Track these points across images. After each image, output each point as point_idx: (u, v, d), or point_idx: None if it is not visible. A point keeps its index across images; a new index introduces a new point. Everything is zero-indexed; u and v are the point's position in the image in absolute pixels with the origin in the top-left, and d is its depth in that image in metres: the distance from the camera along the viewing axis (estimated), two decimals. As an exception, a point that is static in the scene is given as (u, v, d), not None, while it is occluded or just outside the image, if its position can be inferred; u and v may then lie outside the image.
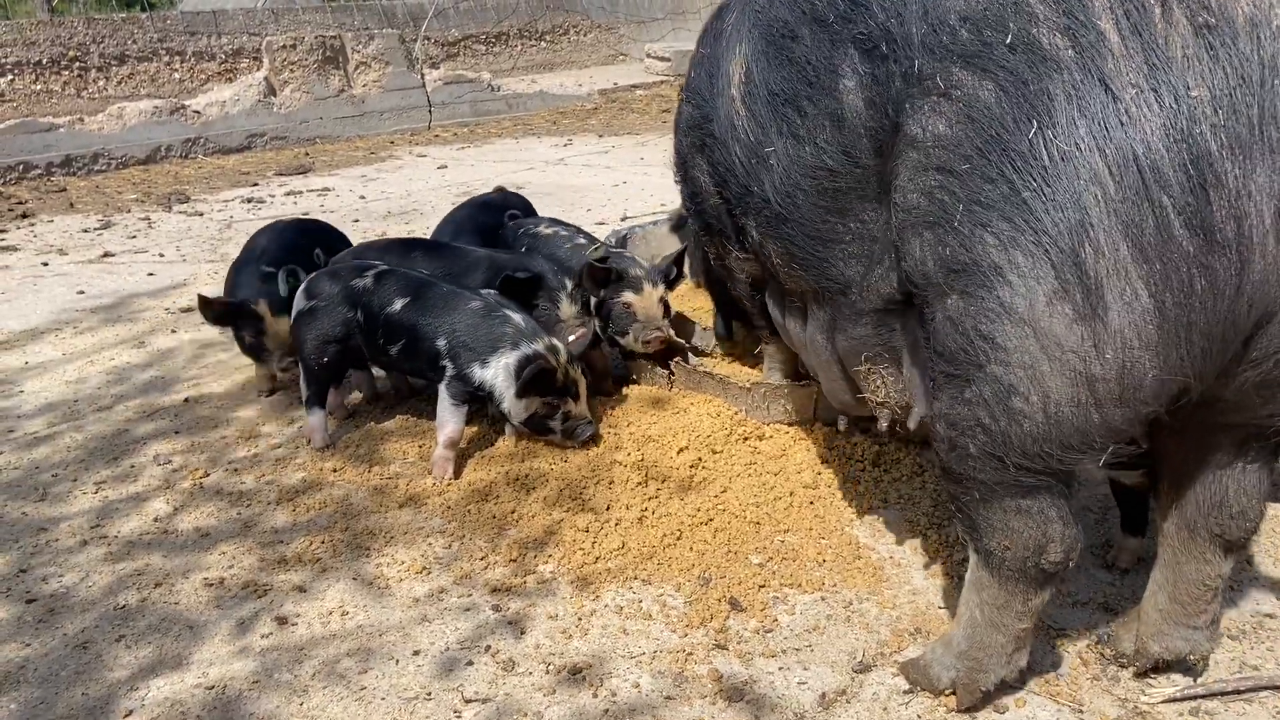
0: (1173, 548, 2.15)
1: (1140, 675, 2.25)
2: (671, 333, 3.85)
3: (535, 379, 3.25)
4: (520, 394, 3.27)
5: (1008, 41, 1.71)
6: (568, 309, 3.73)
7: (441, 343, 3.37)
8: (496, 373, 3.30)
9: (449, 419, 3.35)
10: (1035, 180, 1.69)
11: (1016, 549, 1.99)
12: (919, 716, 2.20)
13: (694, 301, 4.51)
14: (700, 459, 3.31)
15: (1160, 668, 2.23)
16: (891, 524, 2.95)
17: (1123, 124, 1.61)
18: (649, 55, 14.01)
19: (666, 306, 3.83)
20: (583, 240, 4.18)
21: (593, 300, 3.79)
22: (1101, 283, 1.66)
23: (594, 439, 3.43)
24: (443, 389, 3.38)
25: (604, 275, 3.71)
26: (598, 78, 13.60)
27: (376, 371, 3.96)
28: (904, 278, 2.01)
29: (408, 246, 4.01)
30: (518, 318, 3.39)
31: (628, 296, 3.73)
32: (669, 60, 13.40)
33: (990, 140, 1.74)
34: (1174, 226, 1.60)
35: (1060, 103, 1.66)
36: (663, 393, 3.79)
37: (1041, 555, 1.98)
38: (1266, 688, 2.21)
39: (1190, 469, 2.07)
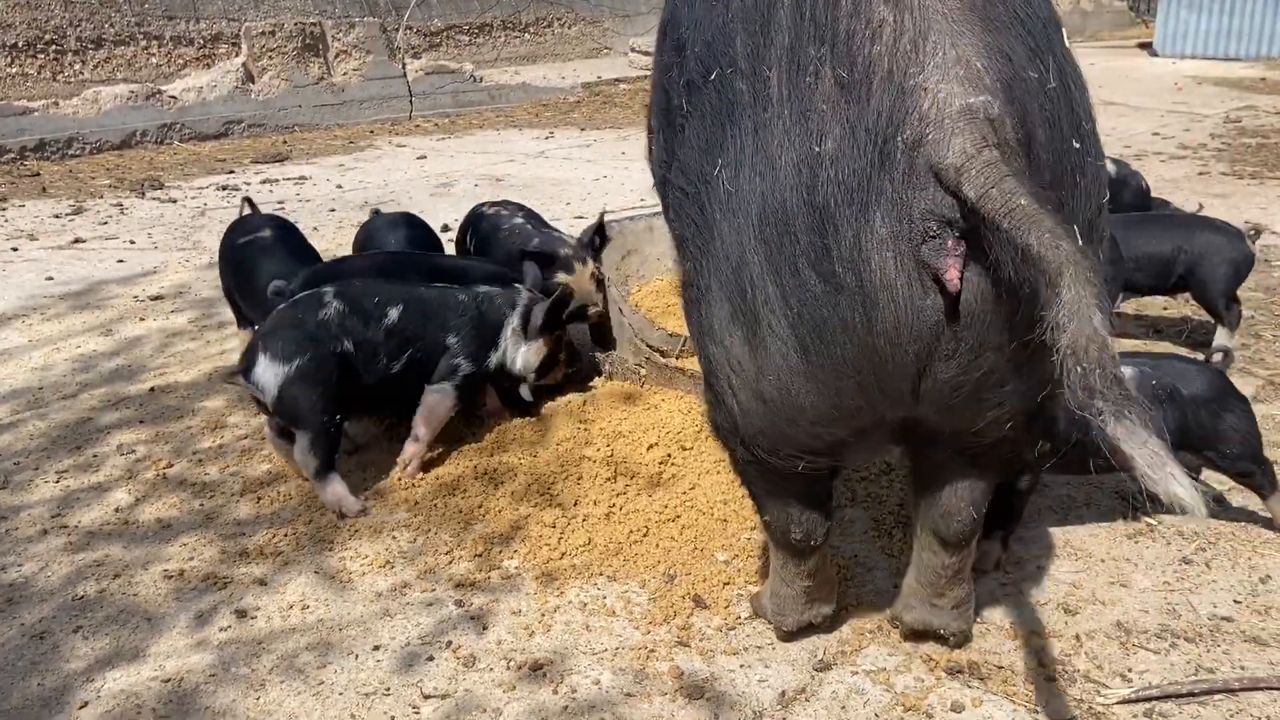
0: (915, 535, 2.37)
1: (905, 638, 2.44)
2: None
3: (554, 309, 3.45)
4: (544, 329, 3.47)
5: (712, 78, 1.85)
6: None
7: (452, 340, 3.32)
8: (504, 344, 3.43)
9: (439, 416, 3.33)
10: (718, 212, 1.83)
11: (774, 524, 2.26)
12: (876, 715, 2.21)
13: (668, 299, 4.51)
14: (670, 455, 3.31)
15: (915, 635, 2.42)
16: (857, 523, 2.96)
17: (770, 169, 1.72)
18: (633, 49, 13.97)
19: (599, 281, 3.98)
20: (520, 220, 4.26)
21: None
22: (757, 314, 1.81)
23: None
24: (443, 388, 3.31)
25: (546, 261, 3.89)
26: (581, 71, 13.56)
27: None
28: None
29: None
30: (492, 289, 3.50)
31: (561, 278, 3.87)
32: (653, 55, 13.39)
33: (697, 169, 1.89)
34: (803, 270, 1.71)
35: (735, 143, 1.78)
36: (634, 389, 3.79)
37: (788, 534, 2.24)
38: (1221, 690, 2.22)
39: (920, 472, 2.26)
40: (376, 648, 2.49)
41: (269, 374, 2.98)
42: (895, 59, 1.62)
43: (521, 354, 3.48)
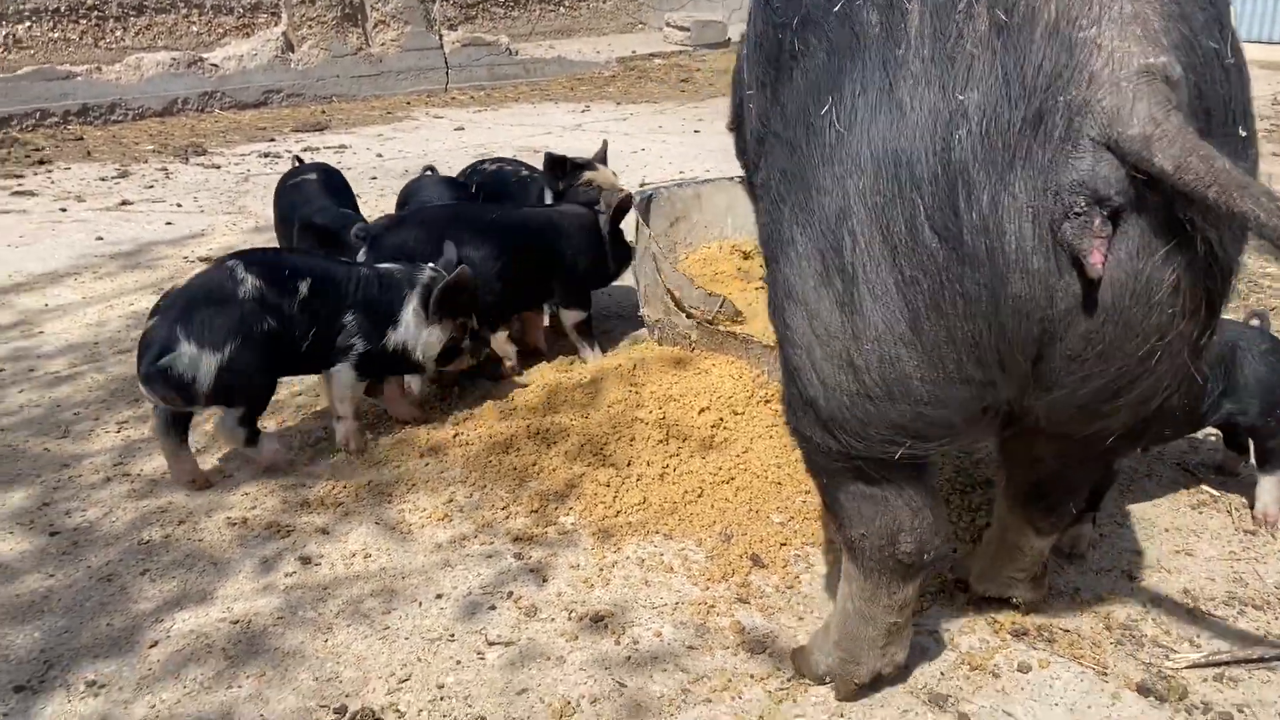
0: (1000, 516, 2.27)
1: (972, 602, 2.41)
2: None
3: (451, 291, 3.19)
4: (436, 314, 3.20)
5: (836, 9, 1.66)
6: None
7: (349, 318, 3.13)
8: (405, 324, 3.21)
9: (347, 395, 3.19)
10: (819, 158, 1.64)
11: (871, 537, 1.93)
12: (942, 674, 2.21)
13: (717, 266, 4.50)
14: (722, 419, 3.30)
15: (985, 601, 2.39)
16: (914, 488, 2.95)
17: (897, 113, 1.54)
18: (668, 24, 13.89)
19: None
20: (525, 173, 4.48)
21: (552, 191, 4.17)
22: (855, 273, 1.61)
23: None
24: (342, 367, 3.16)
25: (560, 165, 4.14)
26: (616, 45, 13.50)
27: None
28: None
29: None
30: (395, 266, 3.29)
31: (587, 175, 4.14)
32: (688, 30, 13.29)
33: (801, 110, 1.70)
34: (923, 230, 1.53)
35: (852, 81, 1.60)
36: (684, 353, 3.78)
37: (895, 545, 1.91)
38: (1290, 657, 2.21)
39: (1020, 458, 2.11)
40: (439, 596, 2.52)
41: (201, 364, 2.84)
42: (1063, 6, 1.43)
43: (423, 337, 3.23)
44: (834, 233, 1.62)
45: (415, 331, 3.22)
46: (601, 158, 4.41)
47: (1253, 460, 2.79)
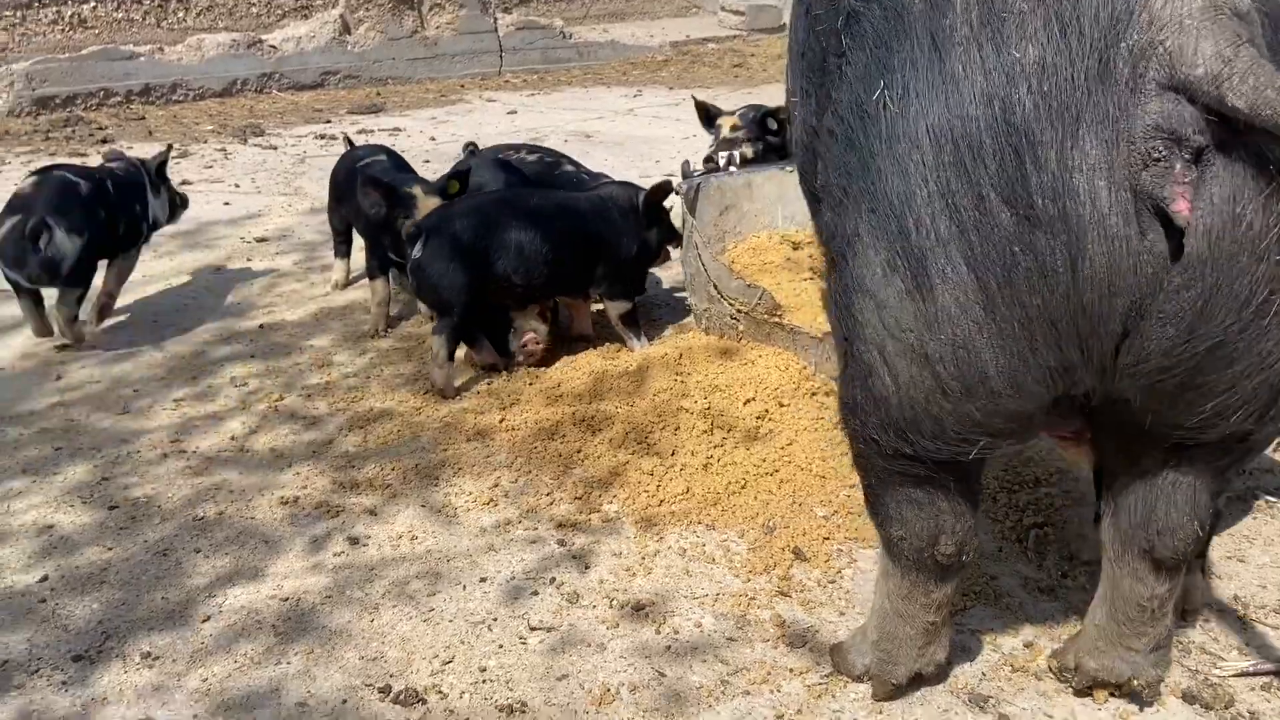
0: (1110, 561, 1.97)
1: (1080, 694, 2.09)
2: None
3: (161, 163, 4.43)
4: (160, 177, 4.43)
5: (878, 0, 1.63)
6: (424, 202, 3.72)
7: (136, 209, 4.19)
8: (150, 204, 4.28)
9: (124, 276, 4.21)
10: (878, 144, 1.59)
11: (911, 539, 1.90)
12: (984, 674, 2.20)
13: (766, 256, 4.48)
14: (767, 410, 3.30)
15: (1096, 685, 2.06)
16: (959, 485, 2.93)
17: (946, 86, 1.49)
18: (723, 9, 13.79)
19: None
20: (569, 167, 4.52)
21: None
22: (925, 258, 1.55)
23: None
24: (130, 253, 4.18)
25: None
26: (670, 29, 13.43)
27: None
28: None
29: None
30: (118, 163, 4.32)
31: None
32: (743, 14, 13.19)
33: (854, 101, 1.66)
34: (990, 200, 1.47)
35: (901, 61, 1.56)
36: (730, 343, 3.78)
37: (935, 547, 1.89)
38: (1343, 669, 2.16)
39: (1122, 477, 1.89)
40: (483, 579, 2.55)
41: (67, 244, 3.66)
42: None
43: (158, 205, 4.26)
44: (898, 217, 1.57)
45: (157, 204, 4.33)
46: None
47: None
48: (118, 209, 3.96)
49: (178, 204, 4.48)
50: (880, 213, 1.61)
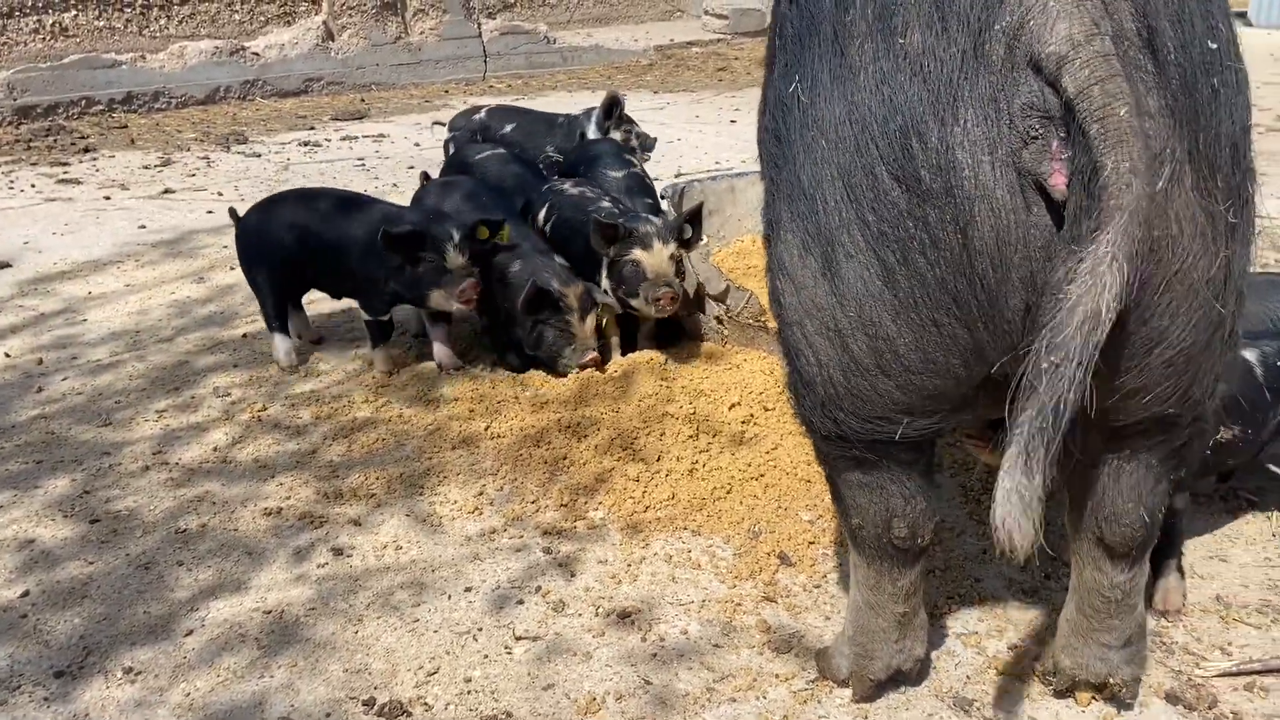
0: (1074, 553, 2.02)
1: (1062, 695, 2.10)
2: (687, 291, 3.71)
3: None
4: None
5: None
6: (454, 259, 3.47)
7: None
8: None
9: None
10: (794, 134, 1.69)
11: (867, 525, 1.94)
12: (968, 677, 2.20)
13: (750, 260, 4.48)
14: (752, 415, 3.30)
15: (1076, 687, 2.07)
16: (944, 488, 2.93)
17: (845, 76, 1.58)
18: (706, 12, 13.81)
19: (679, 264, 3.63)
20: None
21: (604, 260, 3.64)
22: (832, 237, 1.63)
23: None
24: None
25: (612, 232, 3.52)
26: (654, 33, 13.45)
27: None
28: None
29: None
30: None
31: (636, 254, 3.52)
32: (727, 18, 13.22)
33: (778, 96, 1.76)
34: (882, 178, 1.55)
35: (813, 55, 1.65)
36: (715, 347, 3.78)
37: (889, 531, 1.92)
38: (1325, 668, 2.17)
39: (1074, 465, 1.90)
40: (468, 589, 2.55)
41: None
42: None
43: None
44: (809, 200, 1.66)
45: None
46: (680, 229, 3.67)
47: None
48: None
49: None
50: (795, 198, 1.70)
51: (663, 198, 4.16)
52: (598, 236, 3.55)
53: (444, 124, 5.84)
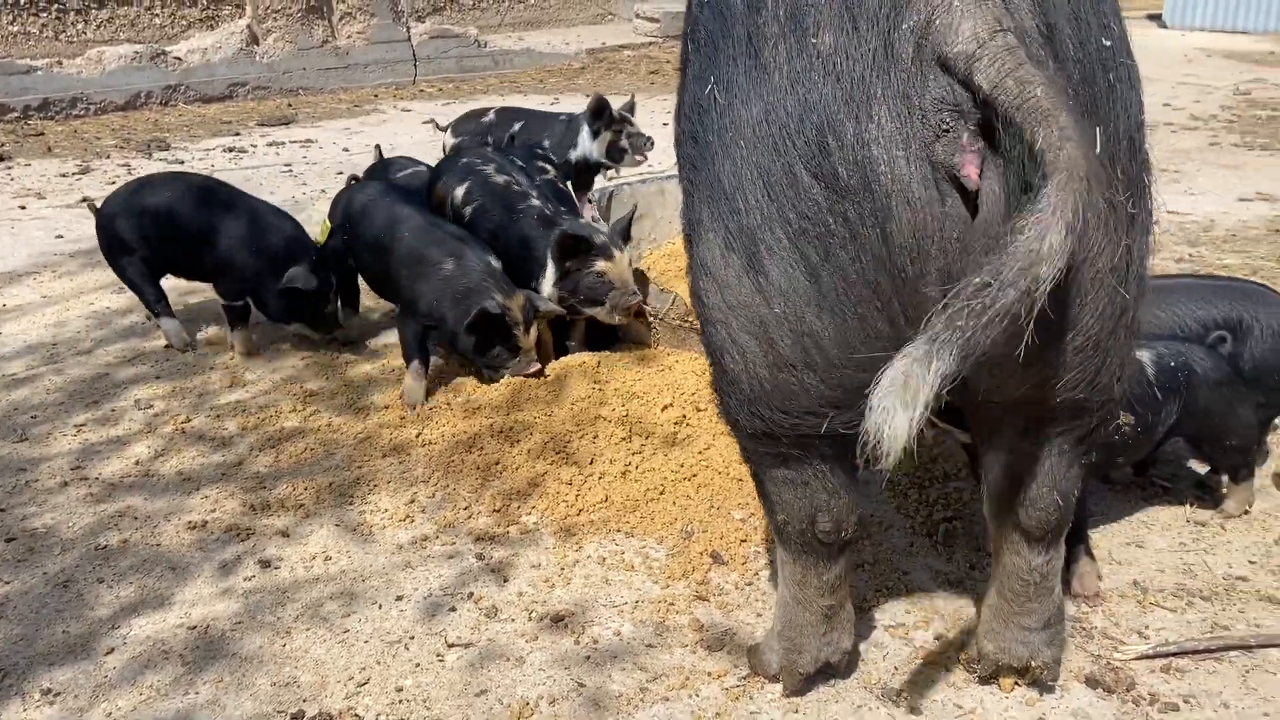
0: (993, 538, 2.08)
1: (986, 681, 2.15)
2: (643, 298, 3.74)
3: None
4: None
5: (709, 2, 1.75)
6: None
7: None
8: None
9: None
10: (711, 135, 1.71)
11: (793, 521, 1.98)
12: (896, 668, 2.24)
13: (681, 262, 4.50)
14: (685, 416, 3.32)
15: (1000, 671, 2.13)
16: (873, 484, 2.98)
17: (760, 77, 1.62)
18: (638, 16, 13.85)
19: (638, 271, 3.74)
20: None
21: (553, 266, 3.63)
22: (754, 235, 1.66)
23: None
24: None
25: (581, 246, 3.55)
26: (585, 37, 13.45)
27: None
28: None
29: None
30: None
31: (601, 265, 3.57)
32: (658, 21, 13.27)
33: (694, 98, 1.78)
34: (801, 176, 1.58)
35: (727, 57, 1.68)
36: (648, 350, 3.80)
37: (814, 526, 1.96)
38: (1236, 647, 2.25)
39: (988, 456, 2.00)
40: (400, 598, 2.52)
41: None
42: None
43: None
44: (730, 200, 1.68)
45: None
46: (624, 233, 3.75)
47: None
48: None
49: None
50: (716, 198, 1.71)
51: (590, 201, 4.16)
52: (560, 250, 3.56)
53: (435, 123, 5.75)
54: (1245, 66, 10.49)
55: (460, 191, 3.96)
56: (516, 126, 5.24)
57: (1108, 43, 1.61)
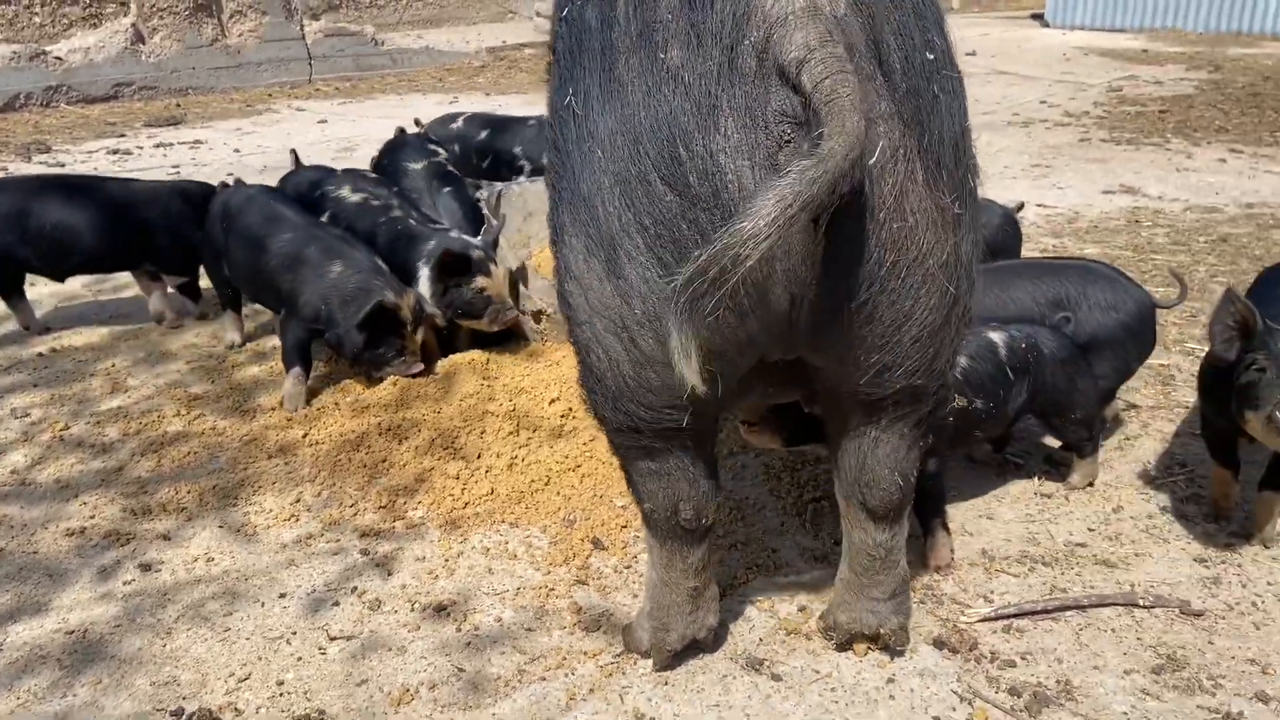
0: (843, 517, 2.23)
1: (842, 648, 2.29)
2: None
3: None
4: None
5: (564, 14, 1.87)
6: None
7: None
8: None
9: None
10: (571, 145, 1.81)
11: (658, 510, 2.10)
12: (761, 640, 2.36)
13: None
14: (571, 408, 3.40)
15: (853, 639, 2.27)
16: (748, 468, 3.11)
17: (615, 89, 1.72)
18: (539, 14, 13.87)
19: (524, 268, 3.85)
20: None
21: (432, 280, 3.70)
22: (614, 240, 1.75)
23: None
24: None
25: (464, 265, 3.63)
26: (485, 35, 13.43)
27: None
28: None
29: None
30: None
31: (480, 281, 3.68)
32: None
33: (555, 110, 1.88)
34: (655, 184, 1.68)
35: (583, 70, 1.78)
36: (536, 345, 3.87)
37: (677, 514, 2.08)
38: (1071, 608, 2.44)
39: (835, 439, 2.14)
40: (283, 595, 2.56)
41: None
42: None
43: None
44: (590, 206, 1.77)
45: None
46: (495, 243, 3.89)
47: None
48: None
49: None
50: (577, 204, 1.81)
51: (478, 200, 4.22)
52: (441, 269, 3.62)
53: (418, 121, 5.69)
54: (1120, 64, 11.01)
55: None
56: (484, 134, 5.22)
57: (931, 56, 1.75)
